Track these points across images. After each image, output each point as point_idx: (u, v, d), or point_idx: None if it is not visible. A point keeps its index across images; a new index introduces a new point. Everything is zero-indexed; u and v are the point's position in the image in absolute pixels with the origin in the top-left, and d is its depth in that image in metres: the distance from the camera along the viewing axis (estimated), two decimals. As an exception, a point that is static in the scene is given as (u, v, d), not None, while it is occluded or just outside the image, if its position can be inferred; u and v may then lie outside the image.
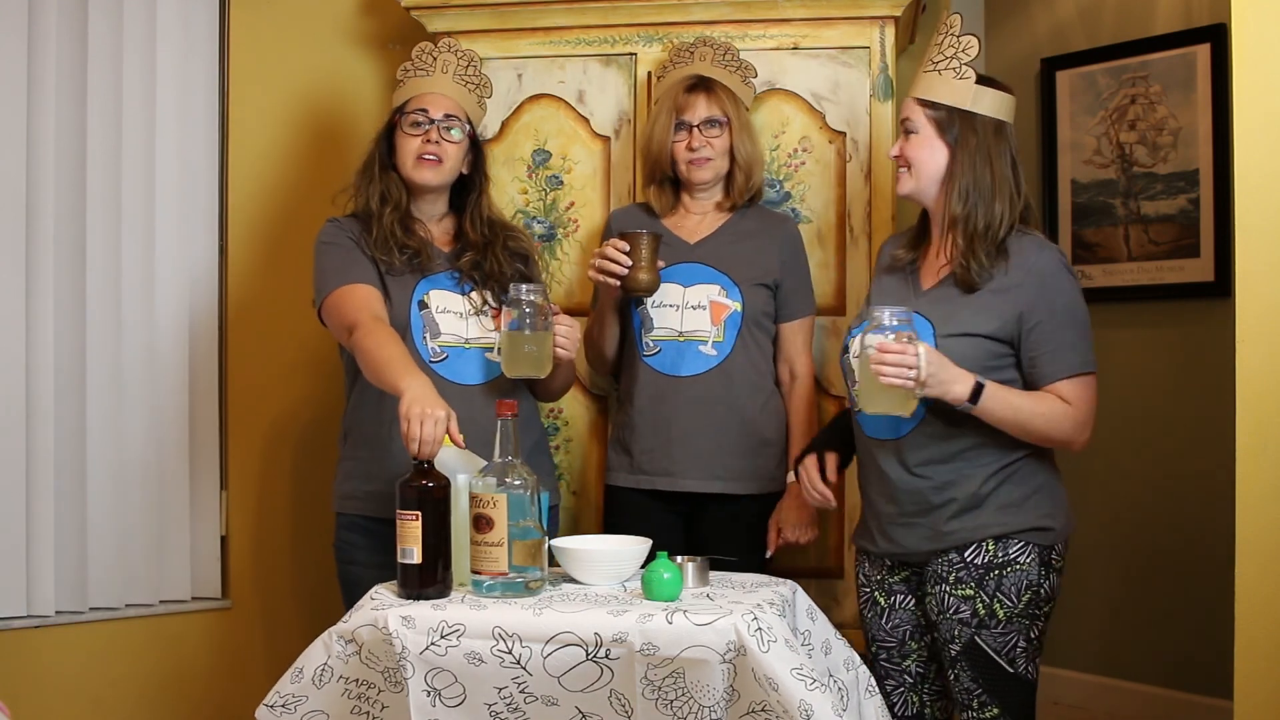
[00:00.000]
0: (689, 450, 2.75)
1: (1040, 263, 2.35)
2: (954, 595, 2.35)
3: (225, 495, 3.38)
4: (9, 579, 3.04)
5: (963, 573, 2.35)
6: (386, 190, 2.68)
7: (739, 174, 2.82)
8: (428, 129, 2.66)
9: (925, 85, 2.42)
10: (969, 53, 2.38)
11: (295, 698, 2.15)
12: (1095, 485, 3.74)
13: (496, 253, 2.72)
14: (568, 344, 2.57)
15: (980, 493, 2.35)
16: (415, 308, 2.63)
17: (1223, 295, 3.45)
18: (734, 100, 2.82)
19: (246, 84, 3.39)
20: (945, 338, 2.34)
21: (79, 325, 3.14)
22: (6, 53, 3.04)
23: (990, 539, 2.34)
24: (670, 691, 2.02)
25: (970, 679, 2.35)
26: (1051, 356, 2.33)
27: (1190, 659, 3.53)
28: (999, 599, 2.33)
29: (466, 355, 2.65)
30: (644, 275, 2.70)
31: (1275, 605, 2.15)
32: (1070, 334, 2.34)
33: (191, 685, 3.28)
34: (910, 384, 2.18)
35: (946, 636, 2.37)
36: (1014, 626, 2.34)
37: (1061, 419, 2.32)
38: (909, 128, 2.42)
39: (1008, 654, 2.34)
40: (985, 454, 2.36)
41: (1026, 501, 2.37)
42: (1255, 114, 2.21)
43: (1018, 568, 2.34)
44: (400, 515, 2.19)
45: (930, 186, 2.42)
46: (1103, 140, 3.77)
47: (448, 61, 2.73)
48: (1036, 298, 2.33)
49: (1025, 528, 2.35)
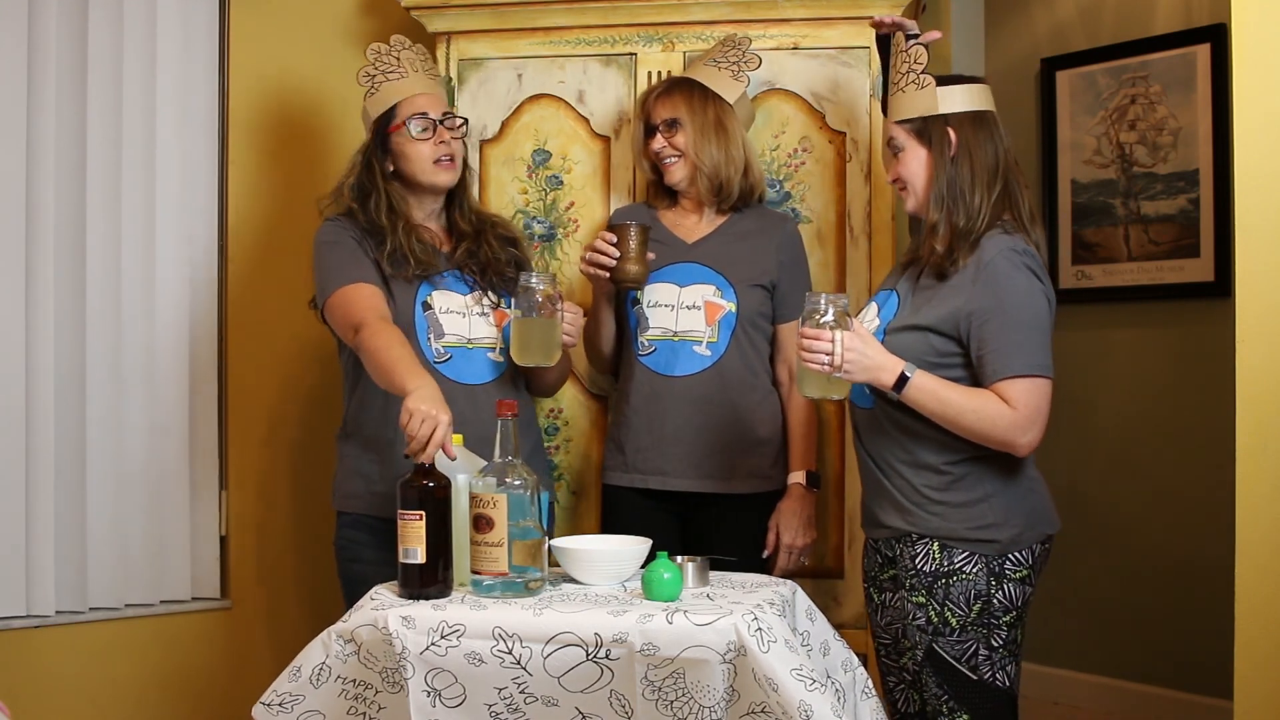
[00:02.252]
0: (682, 449, 2.75)
1: (997, 261, 2.30)
2: (910, 601, 2.34)
3: (225, 495, 3.38)
4: (9, 579, 3.03)
5: (914, 579, 2.33)
6: (393, 202, 2.66)
7: (701, 178, 2.80)
8: (434, 130, 2.66)
9: (894, 107, 2.45)
10: (920, 62, 2.41)
11: (292, 696, 2.15)
12: (1095, 485, 3.75)
13: (489, 239, 2.73)
14: (573, 330, 2.60)
15: (923, 487, 2.33)
16: (419, 309, 2.63)
17: (1223, 295, 3.45)
18: (700, 100, 2.79)
19: (246, 84, 3.39)
20: (894, 331, 2.35)
21: (79, 325, 3.14)
22: (6, 53, 3.04)
23: (936, 545, 2.32)
24: (670, 692, 2.02)
25: (936, 684, 2.33)
26: (996, 355, 2.27)
27: (1190, 659, 3.53)
28: (949, 607, 2.30)
29: (471, 355, 2.65)
30: (632, 266, 2.70)
31: (1275, 605, 2.15)
32: (1018, 335, 2.27)
33: (191, 685, 3.28)
34: (826, 369, 2.22)
35: (912, 641, 2.37)
36: (970, 634, 2.30)
37: (996, 418, 2.25)
38: (894, 147, 2.45)
39: (968, 661, 2.30)
40: (932, 449, 2.33)
41: (971, 509, 2.31)
42: (1255, 114, 2.21)
43: (964, 577, 2.30)
44: (402, 515, 2.19)
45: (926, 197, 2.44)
46: (1103, 140, 3.77)
47: (411, 60, 2.72)
48: (986, 295, 2.28)
49: (968, 538, 2.31)
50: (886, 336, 2.36)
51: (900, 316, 2.39)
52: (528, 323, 2.50)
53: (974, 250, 2.33)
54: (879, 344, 2.29)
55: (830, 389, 2.27)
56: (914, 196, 2.43)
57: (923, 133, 2.40)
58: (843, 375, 2.23)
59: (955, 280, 2.33)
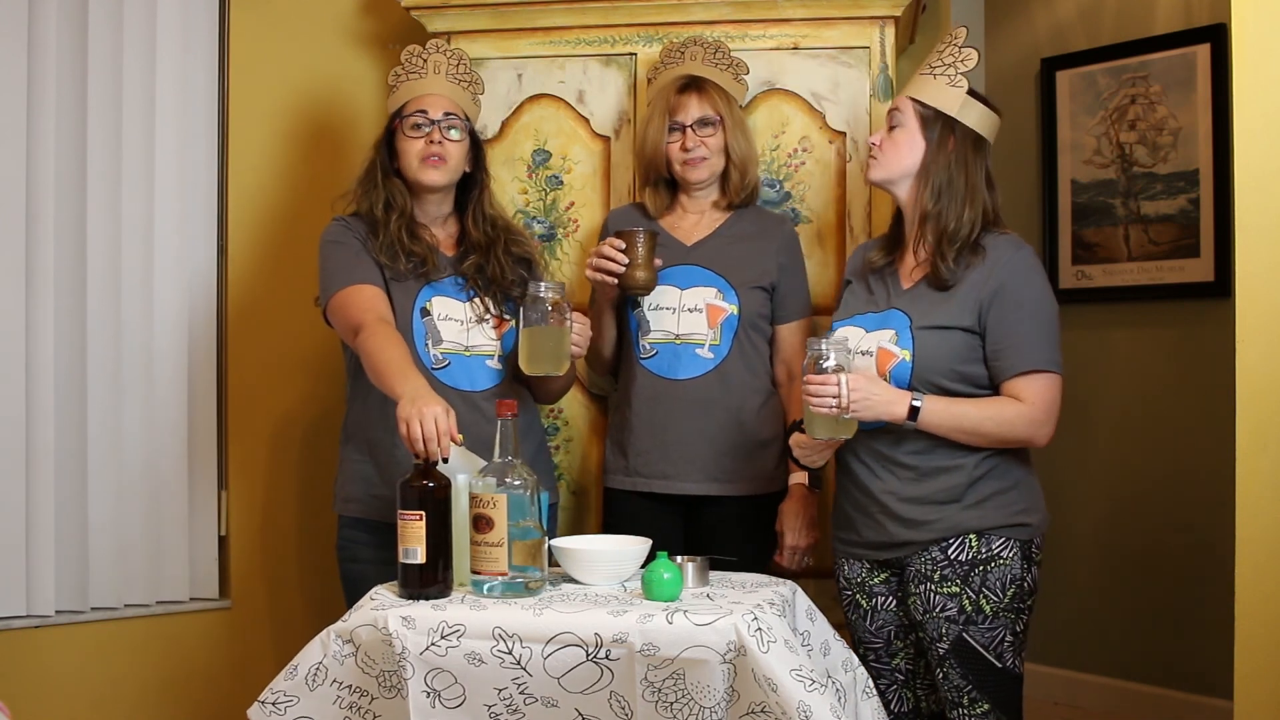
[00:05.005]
0: (685, 453, 2.75)
1: (1012, 259, 2.40)
2: (939, 593, 2.37)
3: (225, 495, 3.38)
4: (9, 579, 3.04)
5: (947, 570, 2.37)
6: (390, 197, 2.67)
7: (734, 172, 2.82)
8: (429, 130, 2.66)
9: (919, 85, 2.50)
10: (967, 64, 2.47)
11: (287, 696, 2.14)
12: (1095, 485, 3.74)
13: (498, 255, 2.71)
14: (581, 340, 2.59)
15: (963, 485, 2.38)
16: (418, 314, 2.63)
17: (1223, 295, 3.46)
18: (726, 98, 2.82)
19: (246, 84, 3.39)
20: (921, 330, 2.40)
21: (79, 325, 3.14)
22: (6, 54, 3.04)
23: (973, 534, 2.37)
24: (670, 694, 2.02)
25: (960, 676, 2.37)
26: (1013, 350, 2.36)
27: (1190, 659, 3.53)
28: (984, 594, 2.36)
29: (468, 363, 2.65)
30: (641, 273, 2.70)
31: (1275, 604, 2.15)
32: (1034, 330, 2.37)
33: (191, 685, 3.28)
34: (835, 411, 2.29)
35: (934, 635, 2.39)
36: (1000, 621, 2.36)
37: (1014, 419, 2.35)
38: (895, 121, 2.50)
39: (995, 649, 2.36)
40: (958, 448, 2.38)
41: (1006, 496, 2.40)
42: (1255, 114, 2.21)
43: (1001, 563, 2.36)
44: (402, 515, 2.19)
45: (901, 179, 2.49)
46: (1103, 140, 3.77)
47: (438, 62, 2.73)
48: (1004, 293, 2.37)
49: (1007, 523, 2.38)
50: (913, 338, 2.40)
51: (921, 319, 2.41)
52: (537, 331, 2.48)
53: (978, 254, 2.41)
54: (884, 382, 2.36)
55: (839, 429, 2.34)
56: (883, 169, 2.49)
57: (929, 124, 2.46)
58: (852, 415, 2.31)
59: (971, 280, 2.39)
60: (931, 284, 2.44)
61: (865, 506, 2.47)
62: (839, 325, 2.54)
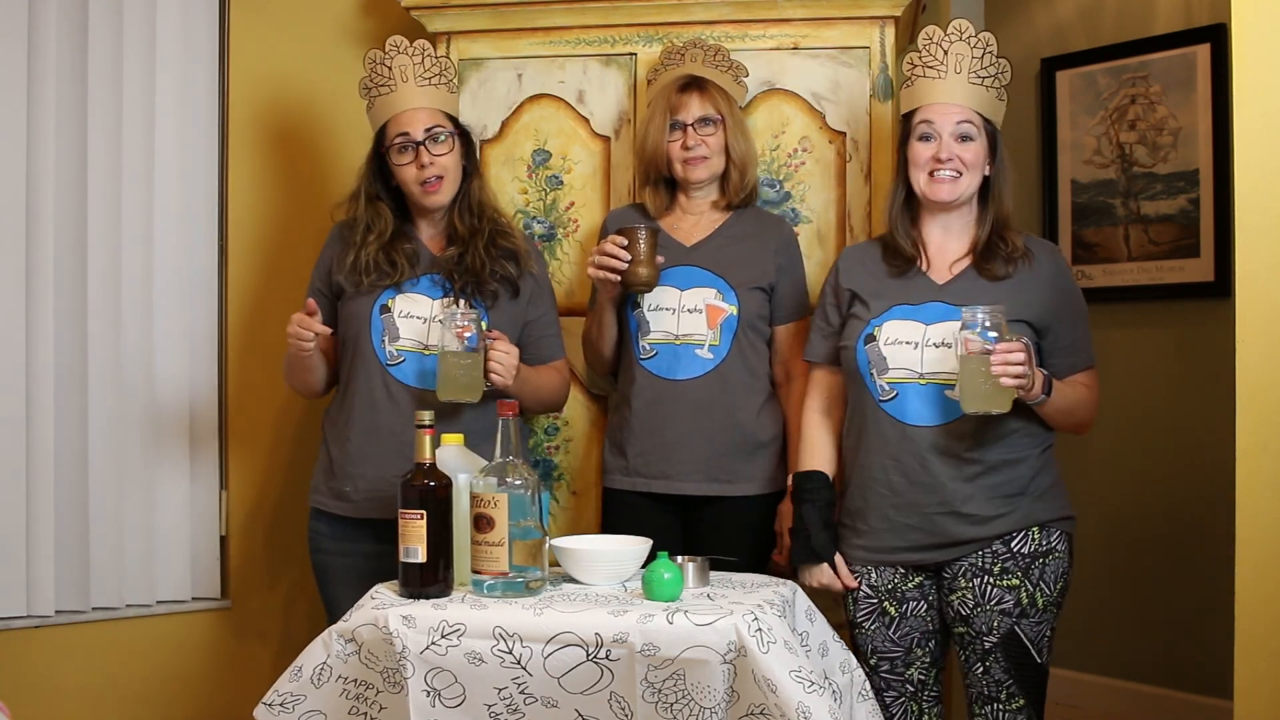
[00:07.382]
0: (685, 453, 2.75)
1: (1058, 262, 2.57)
2: (998, 586, 2.40)
3: (225, 495, 3.38)
4: (9, 579, 3.03)
5: (1009, 562, 2.40)
6: (371, 221, 2.71)
7: (734, 172, 2.82)
8: (415, 151, 2.65)
9: (980, 99, 2.53)
10: (1005, 76, 2.55)
11: (294, 696, 2.15)
12: (1095, 485, 3.75)
13: (480, 247, 2.70)
14: (502, 370, 2.53)
15: (1028, 477, 2.43)
16: (376, 310, 2.65)
17: (1223, 295, 3.46)
18: (727, 99, 2.83)
19: (246, 84, 3.39)
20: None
21: (79, 325, 3.13)
22: (6, 54, 3.04)
23: (1035, 526, 2.42)
24: (671, 694, 2.02)
25: (1003, 670, 2.40)
26: (1076, 348, 2.49)
27: (1190, 659, 3.53)
28: (1041, 587, 2.41)
29: (425, 360, 2.65)
30: (643, 270, 2.70)
31: (1275, 604, 2.15)
32: (1085, 329, 2.53)
33: (191, 685, 3.28)
34: (1017, 381, 2.27)
35: (982, 629, 2.41)
36: (1046, 615, 2.42)
37: (1092, 406, 2.51)
38: (968, 133, 2.50)
39: (1039, 643, 2.41)
40: (1025, 440, 2.44)
41: (1058, 489, 2.48)
42: (1255, 114, 2.21)
43: (1056, 556, 2.43)
44: (403, 514, 2.19)
45: (972, 190, 2.53)
46: (1103, 140, 3.77)
47: (404, 66, 2.71)
48: (1062, 295, 2.49)
49: (1061, 515, 2.46)
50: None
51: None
52: (448, 357, 2.47)
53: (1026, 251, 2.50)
54: None
55: (995, 402, 2.29)
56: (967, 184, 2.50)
57: (991, 134, 2.53)
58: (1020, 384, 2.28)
59: (1023, 277, 2.47)
60: (981, 274, 2.48)
61: (921, 506, 2.44)
62: (879, 322, 2.50)
